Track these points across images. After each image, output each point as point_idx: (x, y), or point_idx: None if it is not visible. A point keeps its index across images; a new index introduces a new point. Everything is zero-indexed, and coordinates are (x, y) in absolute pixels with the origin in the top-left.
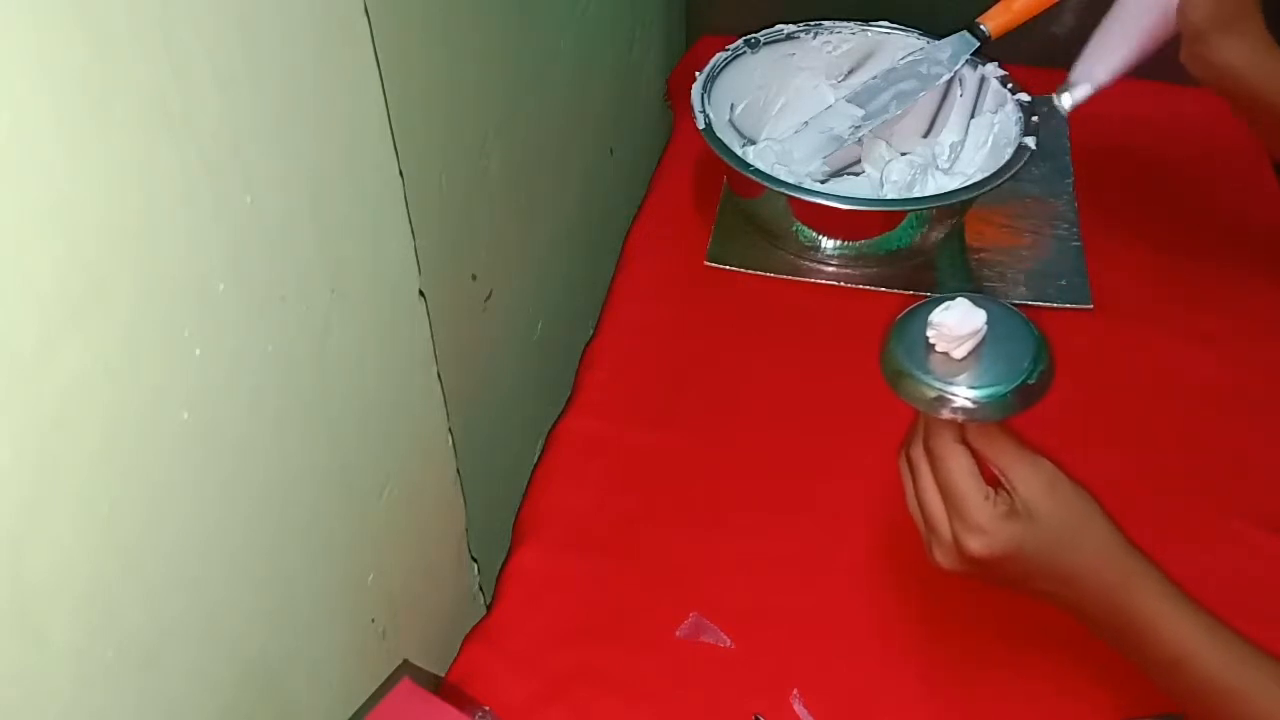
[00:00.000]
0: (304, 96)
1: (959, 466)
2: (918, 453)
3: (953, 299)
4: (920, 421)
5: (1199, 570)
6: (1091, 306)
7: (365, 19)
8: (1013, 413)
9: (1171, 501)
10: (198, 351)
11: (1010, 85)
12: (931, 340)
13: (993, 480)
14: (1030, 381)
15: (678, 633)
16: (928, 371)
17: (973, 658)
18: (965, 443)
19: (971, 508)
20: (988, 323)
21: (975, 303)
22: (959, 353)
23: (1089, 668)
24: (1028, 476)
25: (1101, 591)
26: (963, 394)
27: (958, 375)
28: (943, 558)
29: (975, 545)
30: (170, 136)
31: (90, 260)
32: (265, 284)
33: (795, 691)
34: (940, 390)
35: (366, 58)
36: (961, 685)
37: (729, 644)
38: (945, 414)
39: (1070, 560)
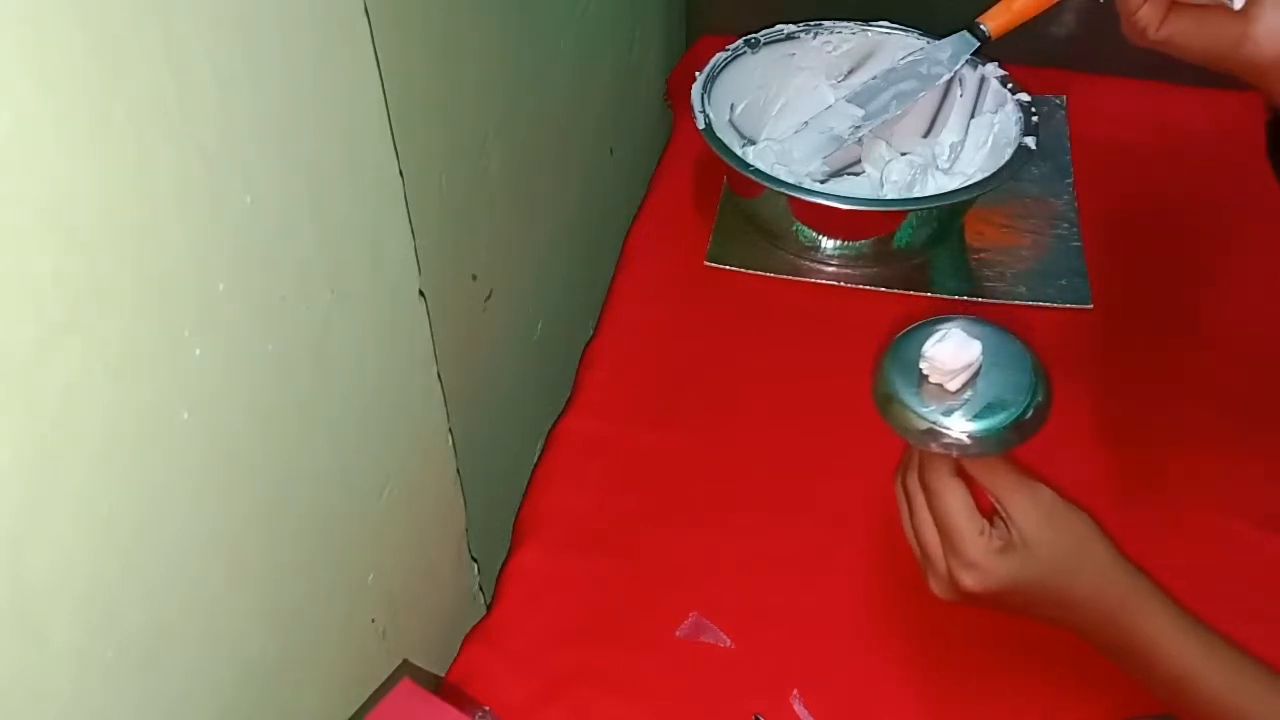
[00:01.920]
0: (304, 96)
1: (953, 500)
2: (913, 483)
3: (949, 324)
4: (915, 448)
5: (1199, 570)
6: (1091, 306)
7: (365, 19)
8: (1009, 448)
9: (1171, 501)
10: (198, 351)
11: (1010, 85)
12: (925, 372)
13: (989, 508)
14: (1027, 417)
15: (678, 633)
16: (922, 405)
17: (972, 658)
18: (961, 472)
19: (966, 544)
20: (983, 350)
21: (970, 330)
22: (953, 385)
23: (1089, 670)
24: (1025, 507)
25: (1102, 615)
26: (957, 429)
27: (952, 409)
28: (939, 590)
29: (970, 581)
30: (170, 136)
31: (90, 260)
32: (265, 284)
33: (795, 691)
34: (933, 426)
35: (366, 58)
36: (961, 685)
37: (729, 644)
38: (938, 449)
39: (1069, 585)
